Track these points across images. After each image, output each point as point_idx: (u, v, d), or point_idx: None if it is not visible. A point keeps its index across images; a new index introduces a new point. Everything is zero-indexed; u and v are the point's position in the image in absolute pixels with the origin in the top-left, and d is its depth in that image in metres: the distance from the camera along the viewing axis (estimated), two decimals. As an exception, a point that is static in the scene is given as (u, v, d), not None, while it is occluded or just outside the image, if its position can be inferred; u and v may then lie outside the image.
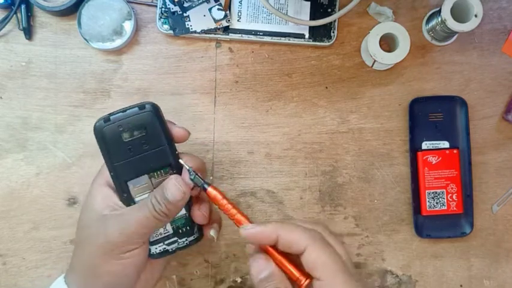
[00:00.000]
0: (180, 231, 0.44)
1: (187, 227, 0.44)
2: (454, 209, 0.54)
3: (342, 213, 0.55)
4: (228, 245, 0.54)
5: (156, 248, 0.43)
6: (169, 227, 0.43)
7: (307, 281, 0.38)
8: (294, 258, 0.39)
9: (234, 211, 0.41)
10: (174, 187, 0.40)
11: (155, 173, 0.42)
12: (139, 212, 0.40)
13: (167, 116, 0.42)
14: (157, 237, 0.43)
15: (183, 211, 0.43)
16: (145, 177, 0.42)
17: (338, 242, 0.40)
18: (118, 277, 0.40)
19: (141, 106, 0.41)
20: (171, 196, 0.40)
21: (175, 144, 0.43)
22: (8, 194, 0.53)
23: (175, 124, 0.43)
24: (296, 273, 0.39)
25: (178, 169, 0.43)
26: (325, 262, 0.37)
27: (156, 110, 0.41)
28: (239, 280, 0.54)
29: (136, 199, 0.42)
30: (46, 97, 0.54)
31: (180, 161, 0.42)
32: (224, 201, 0.41)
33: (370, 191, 0.55)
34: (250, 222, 0.40)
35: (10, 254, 0.53)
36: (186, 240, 0.44)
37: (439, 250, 0.55)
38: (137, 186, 0.42)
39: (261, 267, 0.38)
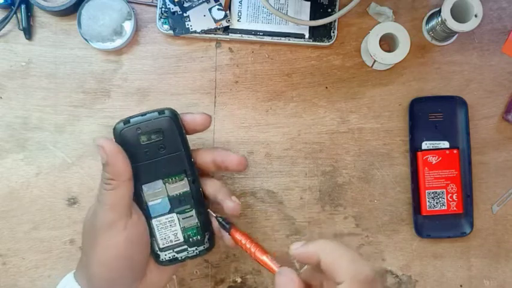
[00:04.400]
0: (191, 240, 0.44)
1: (198, 237, 0.44)
2: (454, 209, 0.54)
3: (342, 213, 0.55)
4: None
5: (165, 255, 0.43)
6: (180, 235, 0.44)
7: None
8: None
9: (258, 254, 0.41)
10: (100, 150, 0.39)
11: (170, 179, 0.42)
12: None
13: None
14: (167, 244, 0.43)
15: (195, 220, 0.44)
16: (159, 182, 0.42)
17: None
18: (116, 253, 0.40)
19: (160, 111, 0.42)
20: (101, 159, 0.39)
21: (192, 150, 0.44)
22: (8, 194, 0.53)
23: (193, 113, 0.44)
24: None
25: (193, 176, 0.43)
26: None
27: (174, 115, 0.42)
28: (239, 280, 0.54)
29: (150, 203, 0.42)
30: (46, 97, 0.54)
31: (209, 211, 0.44)
32: (247, 244, 0.42)
33: (370, 191, 0.55)
34: (274, 263, 0.39)
35: (10, 254, 0.53)
36: (196, 249, 0.44)
37: (439, 250, 0.55)
38: (152, 191, 0.42)
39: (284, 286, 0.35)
